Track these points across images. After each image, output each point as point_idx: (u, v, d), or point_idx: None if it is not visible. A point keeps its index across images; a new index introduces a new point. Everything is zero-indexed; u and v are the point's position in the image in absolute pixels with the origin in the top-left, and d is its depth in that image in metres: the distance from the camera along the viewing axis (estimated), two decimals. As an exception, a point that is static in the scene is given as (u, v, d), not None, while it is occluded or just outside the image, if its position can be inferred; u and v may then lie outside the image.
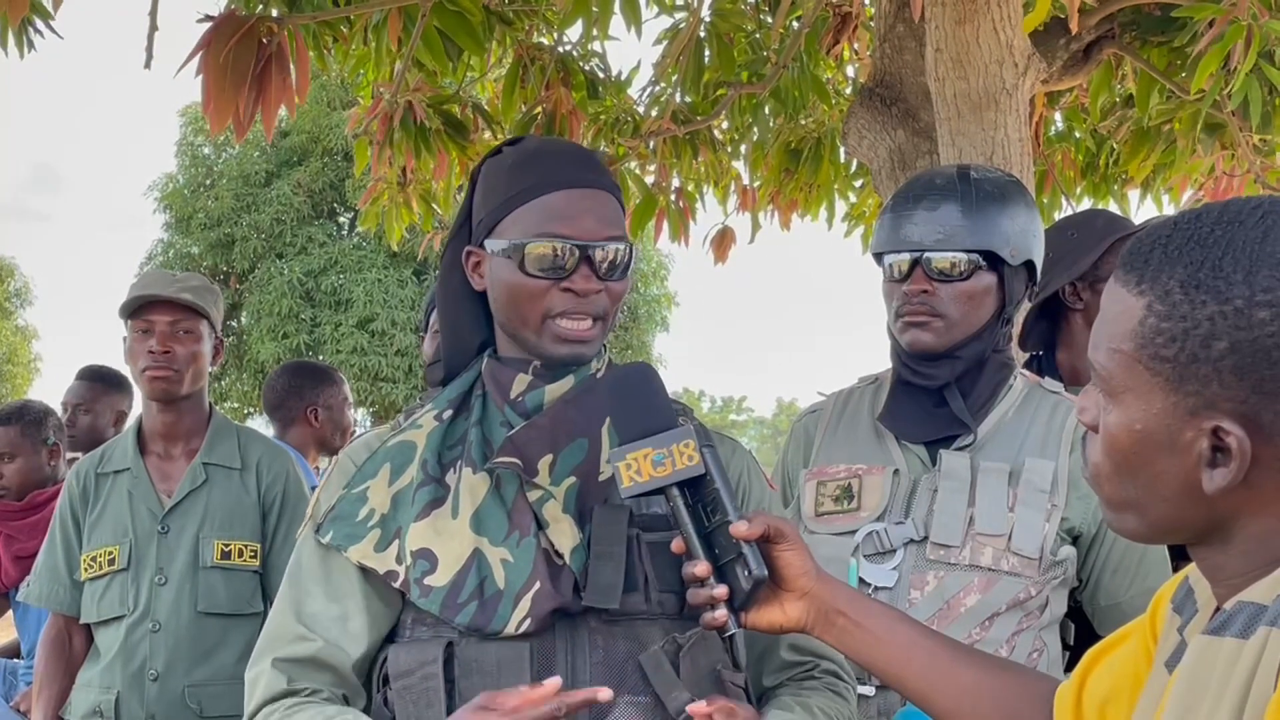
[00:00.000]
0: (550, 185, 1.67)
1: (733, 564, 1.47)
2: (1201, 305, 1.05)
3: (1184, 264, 1.07)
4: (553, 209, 1.66)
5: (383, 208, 5.24)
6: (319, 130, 20.00)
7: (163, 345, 3.01)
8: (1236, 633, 1.04)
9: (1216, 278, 1.05)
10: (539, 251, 1.64)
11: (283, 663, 1.64)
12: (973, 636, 2.07)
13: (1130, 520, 1.17)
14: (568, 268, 1.64)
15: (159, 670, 2.93)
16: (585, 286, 1.64)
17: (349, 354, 19.56)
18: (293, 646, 1.65)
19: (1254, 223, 1.06)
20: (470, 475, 1.66)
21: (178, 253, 21.29)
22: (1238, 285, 1.04)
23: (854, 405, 2.37)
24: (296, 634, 1.65)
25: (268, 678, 1.64)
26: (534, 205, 1.66)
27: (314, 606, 1.66)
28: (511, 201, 1.68)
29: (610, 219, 1.68)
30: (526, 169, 1.70)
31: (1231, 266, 1.05)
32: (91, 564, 3.02)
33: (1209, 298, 1.05)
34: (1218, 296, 1.05)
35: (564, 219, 1.65)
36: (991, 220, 2.19)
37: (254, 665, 1.67)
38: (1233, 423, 1.05)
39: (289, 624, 1.66)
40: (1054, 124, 5.47)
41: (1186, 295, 1.06)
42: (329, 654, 1.64)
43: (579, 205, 1.66)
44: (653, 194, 5.31)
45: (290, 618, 1.67)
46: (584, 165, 1.71)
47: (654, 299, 22.41)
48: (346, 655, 1.64)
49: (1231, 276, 1.04)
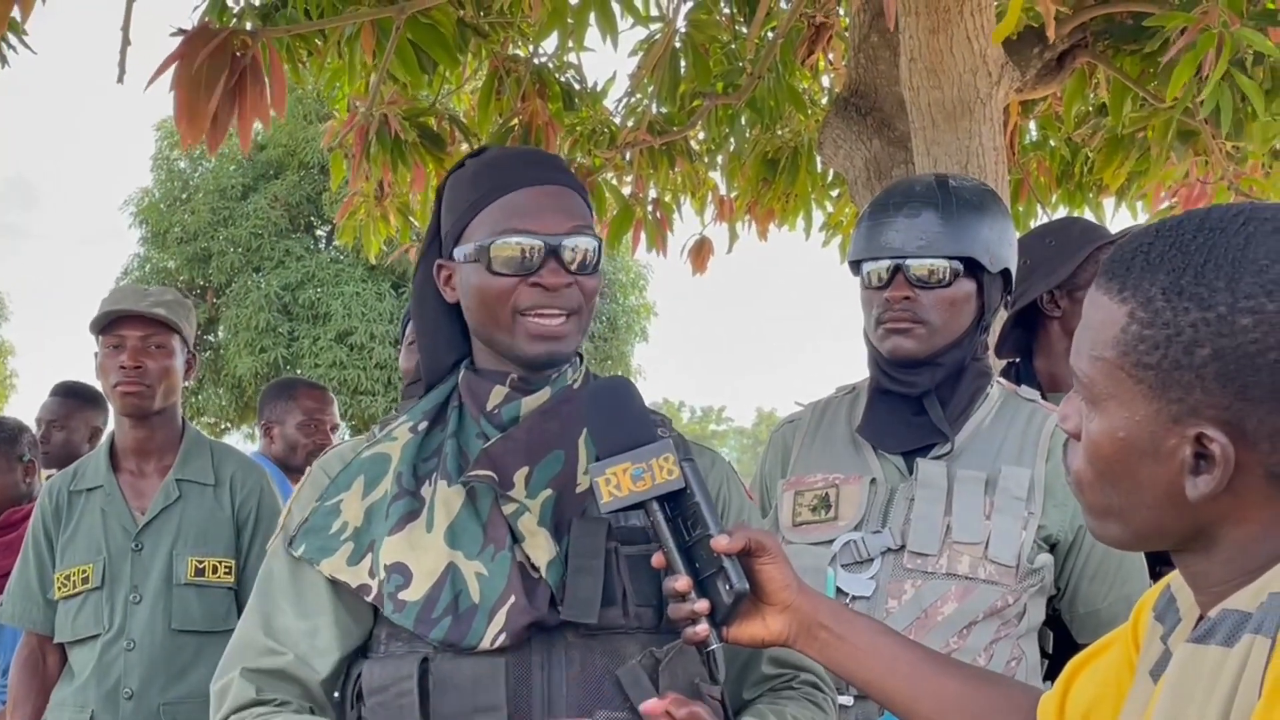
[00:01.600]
0: (511, 185, 1.67)
1: (714, 578, 1.46)
2: (1184, 312, 1.05)
3: (1166, 271, 1.07)
4: (516, 207, 1.65)
5: (360, 221, 5.23)
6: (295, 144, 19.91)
7: (134, 360, 2.99)
8: (1221, 641, 1.04)
9: (1199, 285, 1.05)
10: (505, 252, 1.63)
11: (251, 673, 1.62)
12: (950, 645, 2.07)
13: (1113, 528, 1.17)
14: (535, 264, 1.63)
15: (134, 689, 2.90)
16: (554, 281, 1.63)
17: (327, 368, 19.47)
18: (261, 659, 1.63)
19: (1235, 230, 1.07)
20: (445, 488, 1.65)
21: (154, 267, 21.17)
22: (1220, 292, 1.04)
23: (831, 415, 2.37)
24: (265, 647, 1.64)
25: (237, 686, 1.62)
26: (496, 206, 1.66)
27: (284, 621, 1.65)
28: (475, 206, 1.68)
29: (575, 213, 1.67)
30: (486, 174, 1.70)
31: (1214, 273, 1.05)
32: (65, 582, 2.99)
33: (1192, 305, 1.05)
34: (1201, 303, 1.04)
35: (528, 215, 1.64)
36: (971, 228, 2.19)
37: (221, 675, 1.65)
38: (1216, 429, 1.05)
39: (258, 637, 1.65)
40: (1029, 133, 5.50)
41: (1169, 302, 1.06)
42: (297, 668, 1.62)
43: (542, 202, 1.66)
44: (630, 205, 5.31)
45: (259, 631, 1.65)
46: (544, 164, 1.71)
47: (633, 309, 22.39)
48: (314, 672, 1.63)
49: (1214, 284, 1.04)
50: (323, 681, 1.64)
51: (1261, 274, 1.03)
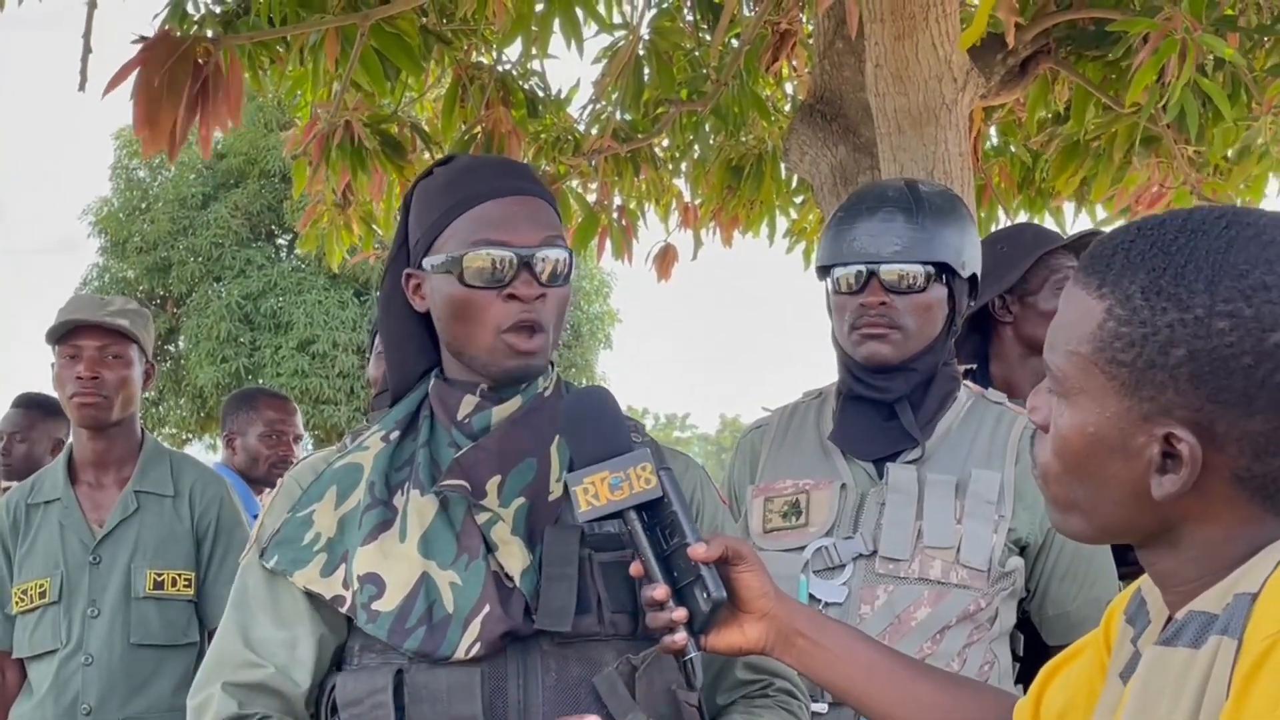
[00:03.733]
0: (482, 196, 1.65)
1: (691, 586, 1.46)
2: (1162, 312, 1.05)
3: (1146, 270, 1.07)
4: (487, 218, 1.64)
5: (323, 230, 5.20)
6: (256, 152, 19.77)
7: (91, 371, 2.94)
8: (1188, 642, 1.04)
9: (1178, 285, 1.05)
10: (477, 263, 1.62)
11: (232, 687, 1.60)
12: (924, 650, 2.06)
13: (1076, 521, 1.17)
14: (507, 276, 1.62)
15: (92, 704, 2.86)
16: (527, 292, 1.61)
17: (290, 376, 19.35)
18: (241, 672, 1.61)
19: (1218, 233, 1.07)
20: (418, 497, 1.63)
21: (113, 277, 20.98)
22: (1199, 294, 1.04)
23: (799, 420, 2.36)
24: (245, 659, 1.61)
25: (218, 702, 1.59)
26: (468, 217, 1.65)
27: (262, 632, 1.62)
28: (445, 216, 1.66)
29: (546, 224, 1.66)
30: (457, 184, 1.68)
31: (1194, 275, 1.05)
32: (23, 597, 2.94)
33: (1170, 305, 1.05)
34: (1179, 304, 1.04)
35: (499, 227, 1.63)
36: (942, 233, 2.19)
37: (200, 690, 1.63)
38: (1185, 430, 1.05)
39: (237, 649, 1.62)
40: (989, 138, 5.53)
41: (1147, 301, 1.06)
42: (278, 681, 1.60)
43: (513, 213, 1.64)
44: (595, 212, 5.30)
45: (238, 643, 1.62)
46: (515, 174, 1.70)
47: (597, 317, 22.37)
48: (295, 685, 1.61)
49: (1193, 285, 1.04)
50: (304, 694, 1.61)
51: (1241, 279, 1.03)
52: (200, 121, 3.39)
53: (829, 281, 2.27)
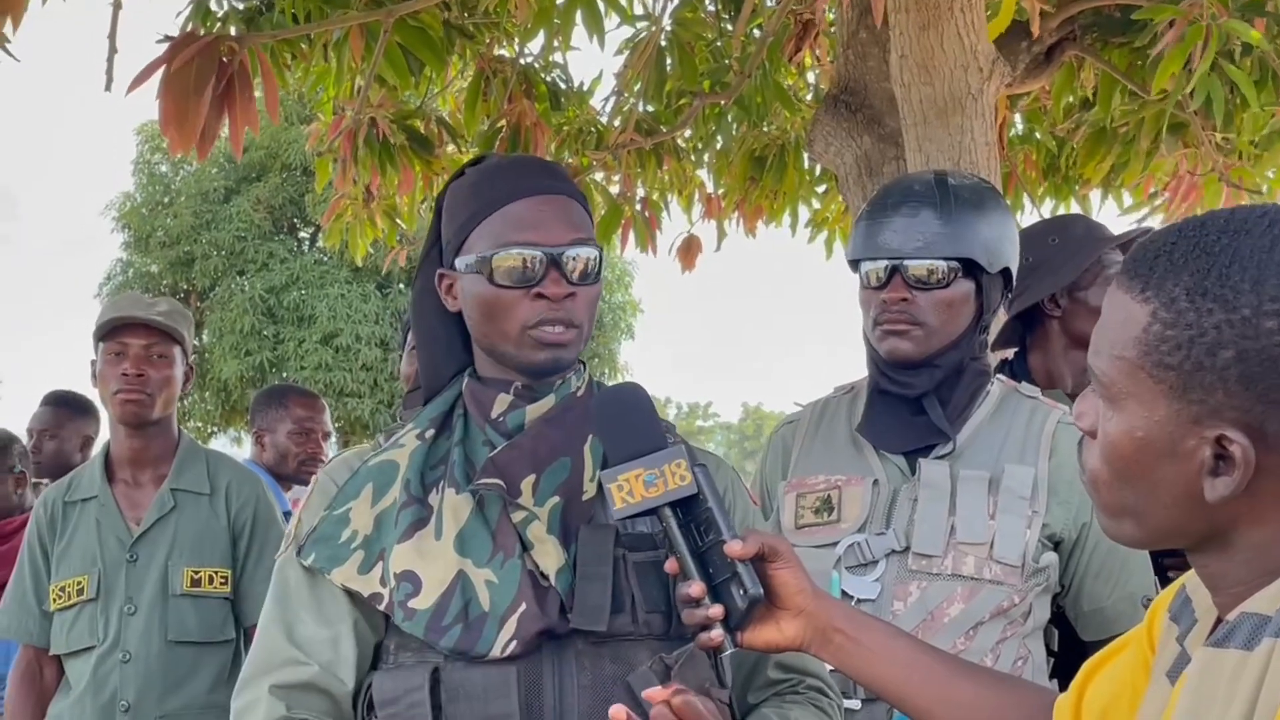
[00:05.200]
0: (512, 195, 1.66)
1: (727, 583, 1.46)
2: (1208, 313, 1.04)
3: (1190, 271, 1.06)
4: (517, 218, 1.65)
5: (347, 224, 5.22)
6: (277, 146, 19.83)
7: (136, 368, 2.97)
8: (1240, 644, 1.04)
9: (1223, 286, 1.04)
10: (508, 263, 1.63)
11: (279, 689, 1.60)
12: (957, 646, 2.06)
13: (1128, 527, 1.17)
14: (537, 275, 1.63)
15: (130, 701, 2.88)
16: (556, 291, 1.62)
17: (313, 370, 19.42)
18: (287, 671, 1.61)
19: (1261, 231, 1.06)
20: (453, 496, 1.64)
21: (137, 272, 21.08)
22: (1245, 294, 1.03)
23: (830, 415, 2.36)
24: (290, 657, 1.62)
25: (266, 704, 1.59)
26: (498, 217, 1.66)
27: (306, 630, 1.63)
28: (476, 216, 1.68)
29: (576, 223, 1.67)
30: (488, 184, 1.69)
31: (1239, 275, 1.04)
32: (60, 594, 2.97)
33: (1216, 306, 1.04)
34: (1225, 305, 1.04)
35: (529, 227, 1.64)
36: (970, 227, 2.18)
37: (246, 690, 1.63)
38: (1237, 431, 1.04)
39: (282, 647, 1.63)
40: (1014, 126, 5.50)
41: (1192, 303, 1.05)
42: (325, 680, 1.61)
43: (543, 212, 1.65)
44: (618, 204, 5.30)
45: (283, 641, 1.63)
46: (545, 174, 1.71)
47: (619, 306, 22.36)
48: (341, 683, 1.61)
49: (1239, 285, 1.04)
50: (349, 694, 1.62)
51: None
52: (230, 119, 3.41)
53: (859, 276, 2.27)
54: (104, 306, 3.10)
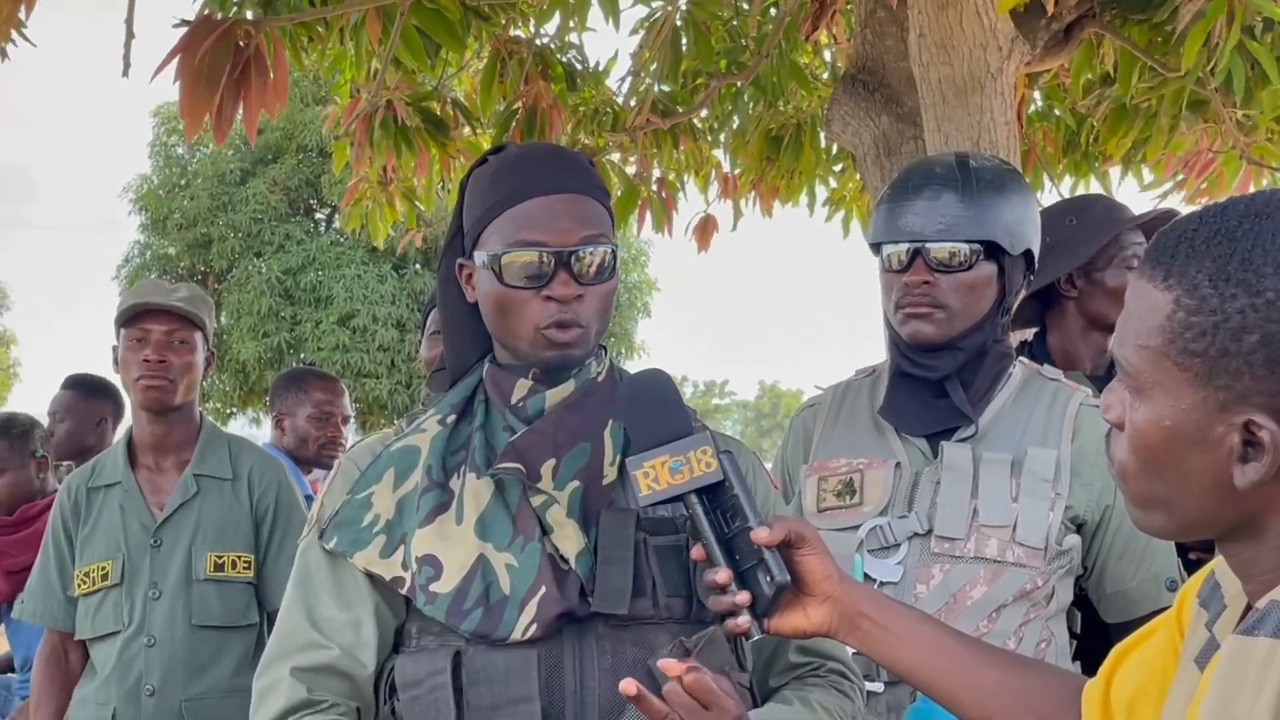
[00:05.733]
0: (524, 193, 1.66)
1: (754, 570, 1.46)
2: (1231, 299, 1.04)
3: (1212, 257, 1.06)
4: (526, 218, 1.65)
5: (366, 207, 5.22)
6: (293, 127, 19.84)
7: (158, 354, 2.98)
8: (1270, 632, 1.03)
9: (1246, 270, 1.04)
10: (517, 262, 1.64)
11: (300, 672, 1.62)
12: (980, 629, 2.06)
13: (1158, 518, 1.16)
14: (546, 275, 1.63)
15: (155, 685, 2.90)
16: (565, 292, 1.63)
17: (330, 351, 19.49)
18: (308, 654, 1.63)
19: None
20: (474, 481, 1.66)
21: (155, 254, 21.17)
22: (1269, 278, 1.03)
23: (852, 398, 2.36)
24: (311, 640, 1.64)
25: (287, 686, 1.62)
26: (509, 215, 1.66)
27: (326, 612, 1.65)
28: (490, 213, 1.68)
29: (589, 220, 1.67)
30: (505, 178, 1.69)
31: (1261, 259, 1.04)
32: (85, 579, 2.99)
33: (1239, 290, 1.04)
34: (1248, 289, 1.04)
35: (538, 227, 1.64)
36: (991, 210, 2.17)
37: (267, 672, 1.65)
38: (1266, 416, 1.04)
39: (303, 630, 1.65)
40: (1034, 102, 5.47)
41: (1215, 289, 1.05)
42: (345, 663, 1.63)
43: (553, 211, 1.65)
44: (634, 185, 5.29)
45: (304, 624, 1.65)
46: (561, 170, 1.70)
47: (635, 285, 22.37)
48: (362, 666, 1.64)
49: (1262, 269, 1.04)
50: (369, 676, 1.64)
51: None
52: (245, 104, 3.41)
53: (880, 259, 2.26)
54: (125, 293, 3.11)
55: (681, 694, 1.43)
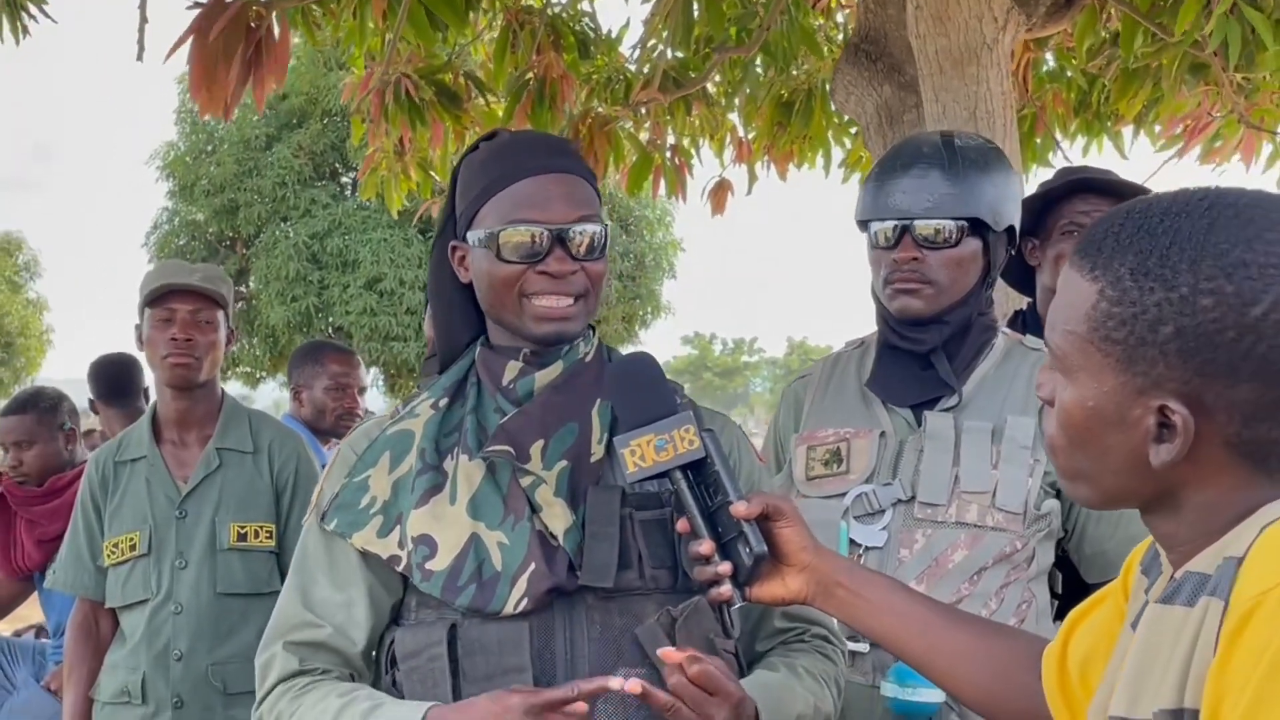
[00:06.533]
0: (520, 173, 1.74)
1: (735, 542, 1.54)
2: (1149, 292, 1.11)
3: (1134, 252, 1.13)
4: (524, 196, 1.72)
5: (382, 177, 5.29)
6: (317, 92, 19.85)
7: (184, 333, 3.08)
8: (1184, 601, 1.11)
9: (1164, 266, 1.11)
10: (514, 239, 1.70)
11: (293, 645, 1.73)
12: (962, 591, 2.13)
13: (1083, 489, 1.25)
14: (541, 251, 1.70)
15: (183, 650, 3.00)
16: (560, 269, 1.70)
17: (358, 315, 19.59)
18: (302, 632, 1.73)
19: (1200, 214, 1.12)
20: (466, 462, 1.73)
21: (183, 220, 21.29)
22: (1183, 274, 1.10)
23: (841, 370, 2.43)
24: (305, 620, 1.74)
25: (281, 659, 1.73)
26: (506, 194, 1.73)
27: (321, 594, 1.74)
28: (485, 192, 1.75)
29: (581, 201, 1.74)
30: (498, 160, 1.77)
31: (1178, 256, 1.11)
32: (114, 550, 3.09)
33: (1156, 285, 1.11)
34: (1165, 284, 1.11)
35: (535, 205, 1.71)
36: (976, 187, 2.23)
37: (265, 650, 1.76)
38: (1178, 402, 1.12)
39: (297, 611, 1.74)
40: (1045, 63, 5.47)
41: (1136, 282, 1.12)
42: (337, 640, 1.73)
43: (549, 190, 1.72)
44: (648, 152, 5.34)
45: (298, 605, 1.75)
46: (553, 152, 1.77)
47: (660, 246, 22.36)
48: (353, 643, 1.73)
49: (1178, 265, 1.10)
50: (361, 652, 1.74)
51: (1222, 257, 1.09)
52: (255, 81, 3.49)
53: (867, 235, 2.32)
54: (148, 274, 3.20)
55: (689, 686, 1.54)
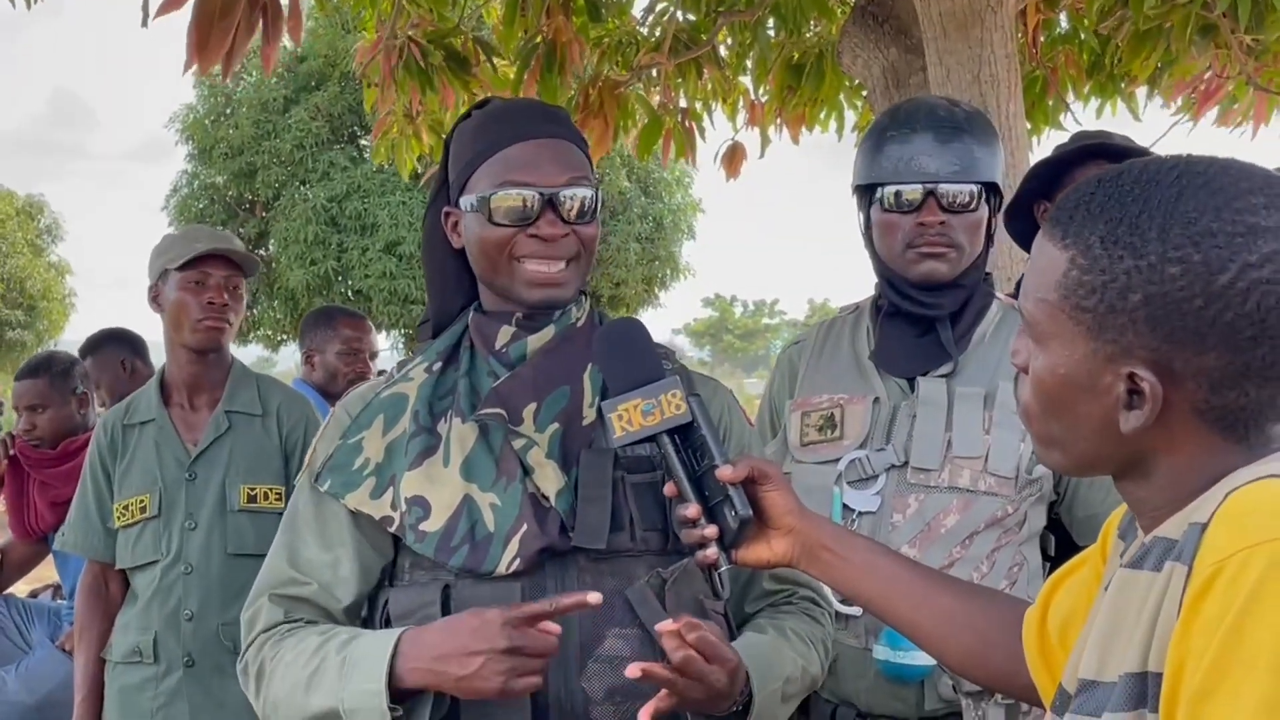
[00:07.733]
0: (512, 138, 1.76)
1: (721, 505, 1.56)
2: (1119, 260, 1.13)
3: (1104, 221, 1.14)
4: (515, 160, 1.74)
5: (393, 140, 5.30)
6: (335, 54, 19.78)
7: (220, 297, 3.13)
8: (1151, 566, 1.13)
9: (1133, 235, 1.12)
10: (506, 203, 1.73)
11: (278, 598, 1.76)
12: (954, 555, 2.15)
13: (1056, 455, 1.27)
14: (532, 215, 1.72)
15: (193, 610, 3.05)
16: (551, 232, 1.72)
17: (377, 278, 19.61)
18: (288, 588, 1.76)
19: (1169, 183, 1.13)
20: (460, 425, 1.75)
21: (202, 184, 21.31)
22: (1152, 242, 1.11)
23: (835, 336, 2.44)
24: (291, 578, 1.76)
25: (266, 611, 1.76)
26: (498, 158, 1.75)
27: (308, 553, 1.77)
28: (478, 158, 1.77)
29: (572, 165, 1.76)
30: (489, 127, 1.79)
31: (1147, 224, 1.12)
32: (124, 512, 3.13)
33: (1126, 253, 1.12)
34: (1134, 252, 1.12)
35: (526, 168, 1.73)
36: (989, 152, 2.25)
37: (251, 604, 1.79)
38: (1146, 369, 1.13)
39: (284, 569, 1.77)
40: (1058, 24, 5.44)
41: (1106, 250, 1.14)
42: (321, 597, 1.75)
43: (540, 154, 1.74)
44: (659, 115, 5.33)
45: (285, 564, 1.78)
46: (544, 118, 1.79)
47: (680, 208, 22.28)
48: (336, 600, 1.76)
49: (1146, 234, 1.11)
50: (345, 609, 1.76)
51: (1189, 226, 1.10)
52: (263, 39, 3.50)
53: (880, 197, 2.28)
54: (172, 237, 3.22)
55: (696, 660, 1.55)
